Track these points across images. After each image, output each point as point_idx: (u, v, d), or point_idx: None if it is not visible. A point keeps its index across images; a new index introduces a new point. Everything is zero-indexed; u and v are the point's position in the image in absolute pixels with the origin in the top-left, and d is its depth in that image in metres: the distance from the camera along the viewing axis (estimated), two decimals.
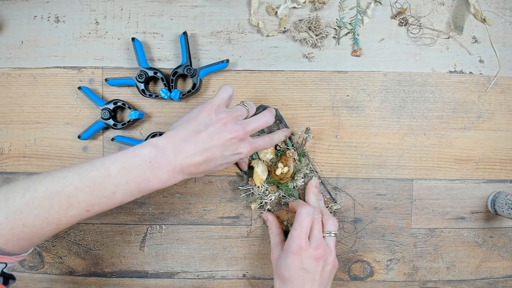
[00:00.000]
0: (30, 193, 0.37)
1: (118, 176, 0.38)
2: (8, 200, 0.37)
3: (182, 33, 0.52)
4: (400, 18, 0.54)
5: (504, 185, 0.55)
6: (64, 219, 0.38)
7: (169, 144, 0.40)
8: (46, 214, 0.37)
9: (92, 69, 0.54)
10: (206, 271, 0.56)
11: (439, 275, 0.56)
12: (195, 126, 0.42)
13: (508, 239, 0.56)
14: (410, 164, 0.55)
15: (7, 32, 0.54)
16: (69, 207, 0.38)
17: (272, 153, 0.52)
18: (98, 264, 0.56)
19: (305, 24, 0.53)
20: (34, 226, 0.37)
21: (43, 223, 0.37)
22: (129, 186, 0.39)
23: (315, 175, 0.53)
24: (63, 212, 0.37)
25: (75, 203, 0.38)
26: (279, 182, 0.52)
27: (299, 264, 0.44)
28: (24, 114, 0.55)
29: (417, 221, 0.55)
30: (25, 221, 0.37)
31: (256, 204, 0.53)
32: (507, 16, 0.54)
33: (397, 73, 0.54)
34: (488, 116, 0.55)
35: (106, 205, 0.39)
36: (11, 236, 0.37)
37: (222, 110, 0.43)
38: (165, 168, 0.39)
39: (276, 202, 0.53)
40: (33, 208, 0.37)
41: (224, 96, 0.45)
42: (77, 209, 0.38)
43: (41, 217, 0.37)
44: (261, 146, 0.46)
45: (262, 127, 0.46)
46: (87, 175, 0.38)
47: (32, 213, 0.37)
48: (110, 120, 0.52)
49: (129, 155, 0.39)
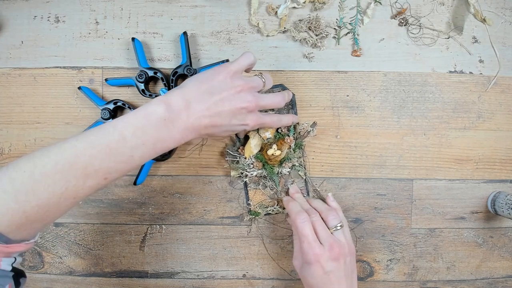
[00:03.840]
0: (39, 170, 0.33)
1: (134, 138, 0.37)
2: (15, 182, 0.33)
3: (182, 33, 0.52)
4: (400, 18, 0.54)
5: (504, 185, 0.55)
6: (81, 191, 0.35)
7: (181, 102, 0.38)
8: (63, 189, 0.34)
9: (92, 69, 0.54)
10: (206, 271, 0.56)
11: (439, 275, 0.56)
12: (209, 87, 0.40)
13: (508, 239, 0.56)
14: (410, 164, 0.55)
15: (7, 32, 0.54)
16: (86, 177, 0.35)
17: (272, 133, 0.52)
18: (98, 264, 0.56)
19: (305, 24, 0.53)
20: (49, 205, 0.34)
21: (60, 199, 0.34)
22: (146, 147, 0.37)
23: (301, 170, 0.54)
24: (81, 184, 0.35)
25: (92, 172, 0.35)
26: (266, 162, 0.52)
27: (321, 270, 0.44)
28: (24, 114, 0.55)
29: (417, 221, 0.55)
30: (38, 201, 0.33)
31: (237, 173, 0.53)
32: (507, 16, 0.54)
33: (397, 73, 0.54)
34: (488, 116, 0.55)
35: (124, 170, 0.37)
36: (25, 220, 0.33)
37: (238, 77, 0.42)
38: (179, 127, 0.38)
39: (256, 179, 0.54)
40: (47, 186, 0.33)
41: (243, 63, 0.43)
42: (94, 179, 0.35)
43: (56, 193, 0.34)
44: (268, 124, 0.46)
45: (274, 106, 0.45)
46: (100, 141, 0.36)
47: (47, 191, 0.33)
48: (110, 120, 0.52)
49: (141, 115, 0.37)
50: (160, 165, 0.55)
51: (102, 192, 0.55)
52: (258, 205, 0.54)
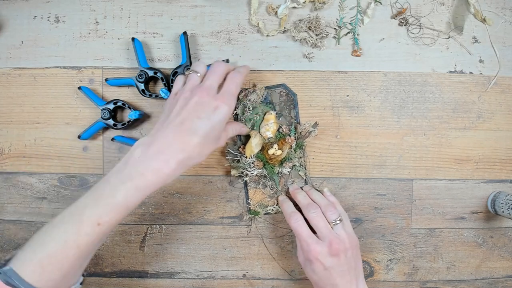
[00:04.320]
0: (48, 222, 0.39)
1: (116, 180, 0.39)
2: (35, 234, 0.39)
3: (182, 33, 0.52)
4: (400, 18, 0.54)
5: (504, 185, 0.55)
6: (81, 239, 0.37)
7: (154, 157, 0.40)
8: (63, 236, 0.37)
9: (92, 69, 0.54)
10: (206, 271, 0.56)
11: (439, 275, 0.56)
12: (164, 118, 0.43)
13: (508, 239, 0.56)
14: (410, 164, 0.55)
15: (7, 32, 0.54)
16: (81, 223, 0.37)
17: (273, 133, 0.53)
18: (98, 264, 0.56)
19: (305, 24, 0.53)
20: (56, 252, 0.37)
21: (64, 248, 0.37)
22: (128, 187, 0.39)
23: (302, 170, 0.54)
24: (77, 231, 0.37)
25: (85, 218, 0.38)
26: (267, 161, 0.52)
27: (322, 267, 0.45)
28: (24, 114, 0.55)
29: (417, 221, 0.55)
30: (48, 249, 0.37)
31: (237, 172, 0.53)
32: (507, 16, 0.54)
33: (397, 73, 0.54)
34: (488, 116, 0.55)
35: (114, 214, 0.39)
36: (42, 269, 0.36)
37: (179, 91, 0.44)
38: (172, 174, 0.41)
39: (256, 179, 0.54)
40: (51, 233, 0.38)
41: (177, 85, 0.46)
42: (88, 225, 0.38)
43: (59, 240, 0.37)
44: (233, 87, 0.44)
45: (220, 75, 0.45)
46: (94, 191, 0.39)
47: (51, 237, 0.37)
48: (110, 120, 0.52)
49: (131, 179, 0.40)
50: None
51: None
52: (257, 204, 0.54)
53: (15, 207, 0.55)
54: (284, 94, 0.54)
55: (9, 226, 0.56)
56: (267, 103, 0.54)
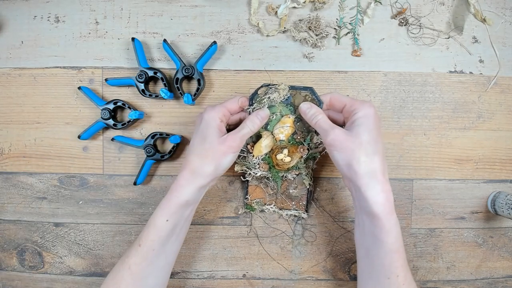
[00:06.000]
0: None
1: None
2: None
3: (163, 41, 0.51)
4: (400, 18, 0.54)
5: (504, 185, 0.55)
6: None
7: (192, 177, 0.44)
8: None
9: (92, 69, 0.54)
10: (206, 271, 0.56)
11: (439, 275, 0.56)
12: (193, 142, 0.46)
13: (508, 239, 0.56)
14: (410, 164, 0.55)
15: (7, 32, 0.54)
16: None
17: (286, 137, 0.49)
18: (98, 264, 0.56)
19: (305, 24, 0.53)
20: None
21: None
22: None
23: (307, 180, 0.52)
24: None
25: (136, 244, 0.44)
26: (273, 165, 0.51)
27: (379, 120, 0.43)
28: (24, 114, 0.55)
29: (417, 221, 0.55)
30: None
31: (240, 168, 0.52)
32: (507, 16, 0.54)
33: (397, 73, 0.54)
34: (488, 116, 0.55)
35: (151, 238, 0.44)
36: None
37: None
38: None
39: (258, 177, 0.53)
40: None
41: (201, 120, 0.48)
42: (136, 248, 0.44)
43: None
44: (227, 104, 0.47)
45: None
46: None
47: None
48: (110, 120, 0.52)
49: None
50: (160, 165, 0.55)
51: (102, 192, 0.55)
52: (255, 201, 0.54)
53: (15, 207, 0.55)
54: (310, 99, 0.48)
55: (9, 226, 0.56)
56: (288, 104, 0.48)
